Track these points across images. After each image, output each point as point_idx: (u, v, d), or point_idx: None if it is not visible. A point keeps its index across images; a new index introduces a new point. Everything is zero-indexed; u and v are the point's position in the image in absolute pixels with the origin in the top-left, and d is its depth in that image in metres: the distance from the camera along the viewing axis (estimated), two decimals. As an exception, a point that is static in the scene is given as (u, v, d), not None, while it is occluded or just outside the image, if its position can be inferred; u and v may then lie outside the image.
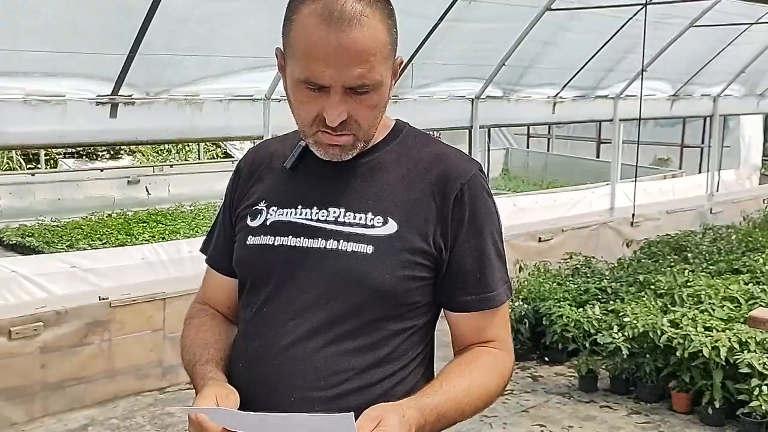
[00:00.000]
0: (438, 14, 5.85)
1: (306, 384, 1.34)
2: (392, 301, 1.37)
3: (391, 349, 1.39)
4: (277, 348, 1.37)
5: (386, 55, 1.32)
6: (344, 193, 1.41)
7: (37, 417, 4.38)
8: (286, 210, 1.43)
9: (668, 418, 4.55)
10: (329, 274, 1.36)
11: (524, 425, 4.47)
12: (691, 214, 8.93)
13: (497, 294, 1.44)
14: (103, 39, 4.48)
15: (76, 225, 9.42)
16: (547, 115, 7.80)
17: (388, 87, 1.36)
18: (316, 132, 1.35)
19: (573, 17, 6.65)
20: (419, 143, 1.47)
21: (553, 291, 5.58)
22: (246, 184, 1.52)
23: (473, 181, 1.42)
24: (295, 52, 1.31)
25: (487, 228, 1.43)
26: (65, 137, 4.73)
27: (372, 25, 1.28)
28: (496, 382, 1.42)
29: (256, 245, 1.43)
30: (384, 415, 1.21)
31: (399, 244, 1.37)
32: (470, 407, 1.37)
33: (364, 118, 1.34)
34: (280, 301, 1.39)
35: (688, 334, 4.48)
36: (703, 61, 8.58)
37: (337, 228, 1.38)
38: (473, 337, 1.46)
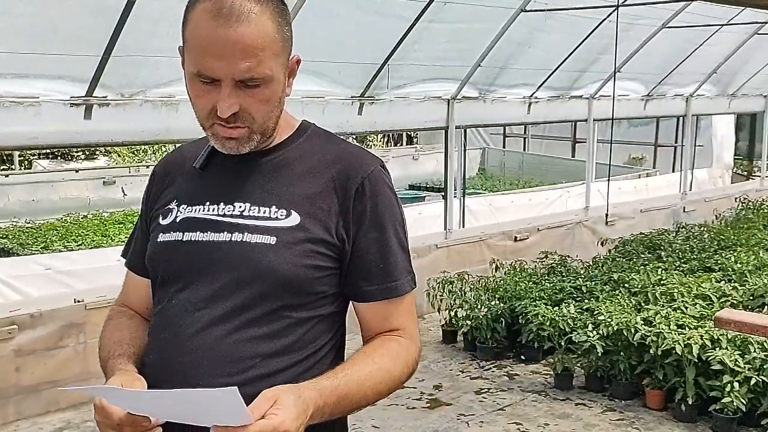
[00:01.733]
0: (413, 15, 5.87)
1: (212, 371, 1.39)
2: (296, 290, 1.42)
3: (296, 338, 1.43)
4: (184, 337, 1.41)
5: (276, 51, 1.39)
6: (250, 188, 1.47)
7: (11, 420, 4.35)
8: (195, 207, 1.49)
9: (642, 414, 4.60)
10: (235, 265, 1.42)
11: (500, 423, 4.51)
12: (664, 213, 9.05)
13: (400, 284, 1.50)
14: (77, 40, 4.45)
15: (52, 226, 9.33)
16: (522, 115, 7.86)
17: (281, 83, 1.42)
18: (212, 125, 1.41)
19: (547, 18, 6.71)
20: (323, 141, 1.54)
21: (529, 290, 5.63)
22: (160, 187, 1.59)
23: (374, 176, 1.49)
24: (189, 48, 1.39)
25: (389, 220, 1.49)
26: (39, 139, 4.69)
27: (260, 21, 1.35)
28: (399, 368, 1.47)
29: (166, 242, 1.49)
30: (279, 395, 1.26)
31: (301, 234, 1.43)
32: (373, 391, 1.41)
33: (258, 111, 1.40)
34: (188, 293, 1.44)
35: (662, 332, 4.54)
36: (675, 61, 8.69)
37: (242, 221, 1.44)
38: (379, 326, 1.51)
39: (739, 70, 9.81)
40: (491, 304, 5.57)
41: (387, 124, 6.68)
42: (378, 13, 5.78)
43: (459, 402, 4.80)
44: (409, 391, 4.95)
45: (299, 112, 6.60)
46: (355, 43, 5.90)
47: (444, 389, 4.99)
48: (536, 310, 5.22)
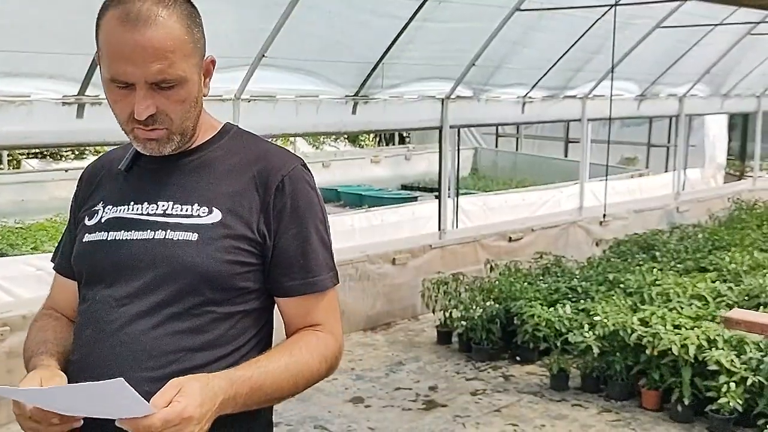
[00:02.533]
0: (408, 14, 5.85)
1: (135, 365, 1.40)
2: (218, 285, 1.44)
3: (220, 333, 1.45)
4: (108, 332, 1.44)
5: (187, 52, 1.41)
6: (173, 188, 1.51)
7: (4, 423, 4.29)
8: (119, 207, 1.53)
9: (638, 415, 4.59)
10: (158, 261, 1.44)
11: (497, 425, 4.48)
12: (658, 213, 9.05)
13: (321, 279, 1.52)
14: (69, 39, 4.40)
15: (41, 227, 9.25)
16: (516, 115, 7.85)
17: (196, 83, 1.45)
18: (132, 128, 1.44)
19: (542, 18, 6.70)
20: (245, 142, 1.57)
21: (524, 290, 5.61)
22: (87, 191, 1.62)
23: (294, 174, 1.52)
24: (102, 54, 1.42)
25: (310, 217, 1.52)
26: (31, 138, 4.66)
27: (168, 24, 1.38)
28: (317, 361, 1.48)
29: (91, 241, 1.52)
30: (185, 383, 1.28)
31: (223, 231, 1.45)
32: (288, 383, 1.44)
33: (174, 112, 1.43)
34: (112, 290, 1.47)
35: (658, 333, 4.52)
36: (669, 61, 8.70)
37: (164, 219, 1.47)
38: (300, 321, 1.53)
39: (732, 71, 9.83)
40: (486, 304, 5.55)
41: (381, 123, 6.66)
42: (372, 12, 5.75)
43: (455, 403, 4.77)
44: (404, 392, 4.92)
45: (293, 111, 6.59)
46: (349, 42, 5.87)
47: (439, 390, 4.96)
48: (532, 311, 5.20)
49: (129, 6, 1.38)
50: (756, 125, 11.44)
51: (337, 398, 4.73)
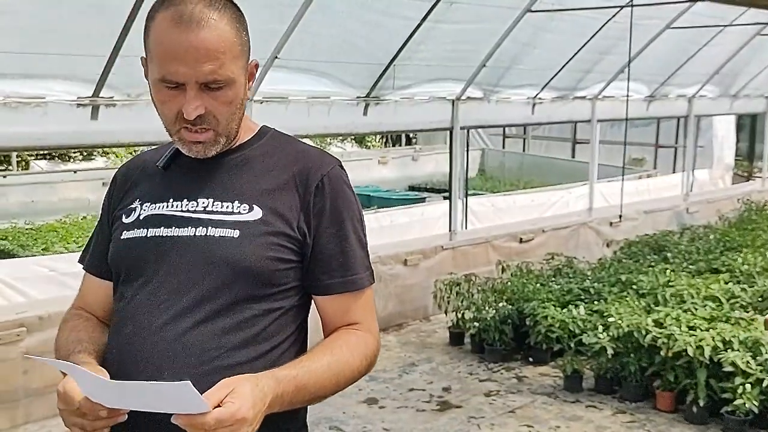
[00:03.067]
0: (419, 16, 5.85)
1: (177, 362, 1.41)
2: (259, 281, 1.46)
3: (260, 329, 1.46)
4: (149, 329, 1.44)
5: (236, 54, 1.44)
6: (212, 185, 1.52)
7: (20, 423, 4.31)
8: (158, 204, 1.53)
9: (653, 417, 4.58)
10: (198, 258, 1.45)
11: (512, 426, 4.48)
12: (667, 214, 9.04)
13: (359, 278, 1.54)
14: (83, 40, 4.42)
15: (51, 228, 9.27)
16: (526, 115, 7.84)
17: (242, 85, 1.48)
18: (179, 129, 1.46)
19: (552, 19, 6.70)
20: (283, 142, 1.60)
21: (537, 292, 5.60)
22: (121, 191, 1.62)
23: (333, 174, 1.54)
24: (153, 56, 1.43)
25: (348, 216, 1.54)
26: (45, 139, 4.66)
27: (219, 26, 1.41)
28: (358, 360, 1.50)
29: (129, 238, 1.52)
30: (236, 383, 1.29)
31: (264, 228, 1.47)
32: (331, 382, 1.45)
33: (221, 114, 1.45)
34: (152, 287, 1.47)
35: (673, 334, 4.52)
36: (678, 62, 8.69)
37: (205, 216, 1.48)
38: (338, 320, 1.55)
39: (741, 71, 9.82)
40: (499, 305, 5.54)
41: (392, 124, 6.66)
42: (384, 14, 5.75)
43: (469, 404, 4.77)
44: (418, 393, 4.92)
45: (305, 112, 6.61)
46: (361, 44, 5.87)
47: (453, 391, 4.96)
48: (545, 312, 5.19)
49: (181, 8, 1.40)
50: (765, 126, 11.42)
51: (351, 399, 4.73)
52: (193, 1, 1.41)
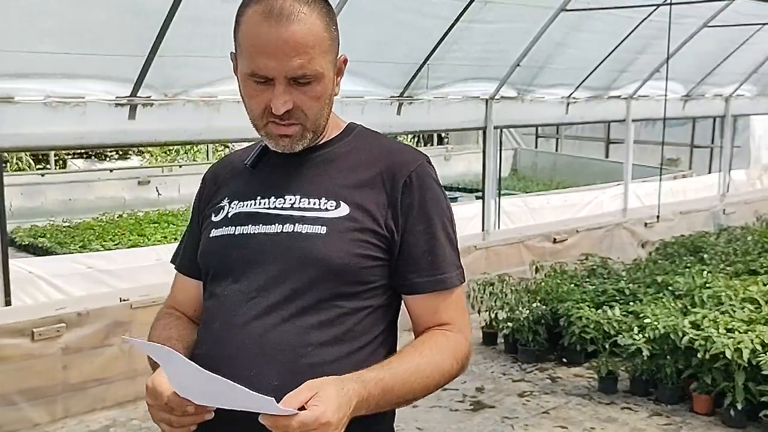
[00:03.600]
0: (453, 15, 5.84)
1: (264, 359, 1.39)
2: (347, 278, 1.44)
3: (348, 328, 1.44)
4: (237, 325, 1.43)
5: (325, 48, 1.43)
6: (300, 182, 1.51)
7: (59, 418, 4.38)
8: (246, 202, 1.53)
9: (690, 419, 4.53)
10: (286, 254, 1.44)
11: (546, 427, 4.46)
12: (704, 215, 8.92)
13: (449, 276, 1.50)
14: (122, 41, 4.48)
15: (88, 225, 9.43)
16: (560, 115, 7.80)
17: (331, 80, 1.46)
18: (266, 123, 1.45)
19: (587, 18, 6.65)
20: (370, 139, 1.58)
21: (571, 292, 5.57)
22: (211, 190, 1.62)
23: (421, 170, 1.51)
24: (242, 50, 1.43)
25: (436, 214, 1.51)
26: (84, 138, 4.74)
27: (309, 20, 1.40)
28: (448, 362, 1.46)
29: (218, 236, 1.52)
30: (321, 386, 1.27)
31: (351, 224, 1.45)
32: (420, 385, 1.41)
33: (310, 108, 1.44)
34: (240, 284, 1.46)
35: (710, 336, 4.46)
36: (715, 61, 8.58)
37: (292, 213, 1.47)
38: (429, 320, 1.51)
39: (780, 70, 9.66)
40: (532, 306, 5.52)
41: (425, 124, 6.66)
42: (418, 13, 5.76)
43: (502, 404, 4.75)
44: (451, 392, 4.91)
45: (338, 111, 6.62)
46: (394, 43, 5.88)
47: (486, 391, 4.95)
48: (580, 313, 5.16)
49: (271, 2, 1.39)
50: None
51: (384, 398, 4.74)
52: None
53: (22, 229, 9.37)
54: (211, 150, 14.52)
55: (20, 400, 4.23)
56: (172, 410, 1.32)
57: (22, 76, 4.27)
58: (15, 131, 4.32)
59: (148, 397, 1.35)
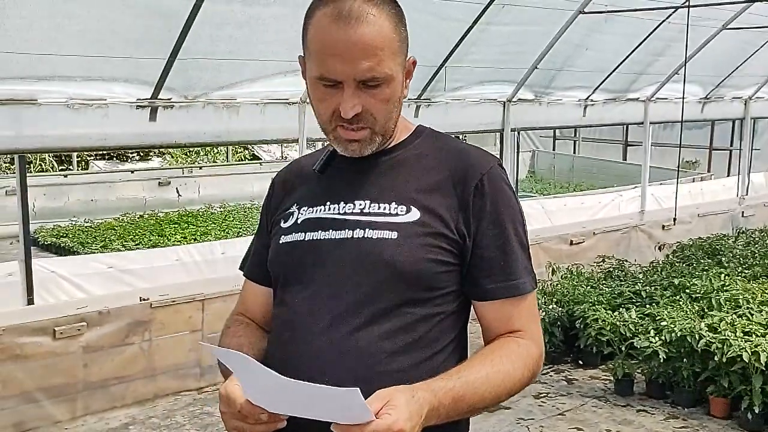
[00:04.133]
0: (471, 18, 5.86)
1: (338, 367, 1.38)
2: (418, 284, 1.42)
3: (420, 335, 1.42)
4: (309, 334, 1.42)
5: (394, 50, 1.41)
6: (369, 186, 1.48)
7: (80, 415, 4.45)
8: (315, 208, 1.51)
9: (706, 423, 4.53)
10: (357, 260, 1.42)
11: (561, 428, 4.47)
12: (722, 218, 8.88)
13: (522, 282, 1.47)
14: (143, 43, 4.54)
15: (110, 226, 9.53)
16: (577, 117, 7.79)
17: (400, 83, 1.44)
18: (335, 127, 1.43)
19: (605, 20, 6.64)
20: (440, 141, 1.56)
21: (587, 294, 5.57)
22: (280, 196, 1.61)
23: (493, 173, 1.48)
24: (311, 53, 1.41)
25: (508, 218, 1.48)
26: (106, 140, 4.80)
27: (378, 22, 1.38)
28: (520, 370, 1.43)
29: (288, 242, 1.51)
30: (393, 395, 1.25)
31: (422, 229, 1.43)
32: (491, 393, 1.39)
33: (379, 111, 1.42)
34: (311, 291, 1.45)
35: (727, 339, 4.45)
36: (734, 63, 8.53)
37: (362, 218, 1.45)
38: (500, 327, 1.48)
39: (801, 73, 9.58)
40: (548, 308, 5.53)
41: (443, 126, 6.55)
42: (436, 16, 5.78)
43: (518, 406, 4.77)
44: (467, 394, 4.93)
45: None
46: (412, 46, 5.84)
47: (502, 393, 4.96)
48: (596, 315, 5.16)
49: (340, 4, 1.37)
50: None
51: (400, 398, 4.77)
52: None
53: (45, 229, 9.49)
54: (230, 152, 14.63)
55: (42, 397, 4.31)
56: (245, 418, 1.31)
57: (45, 78, 4.34)
58: (38, 133, 4.39)
59: (221, 404, 1.34)
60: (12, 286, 5.08)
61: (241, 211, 10.50)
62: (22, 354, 4.21)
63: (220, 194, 11.38)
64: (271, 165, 13.29)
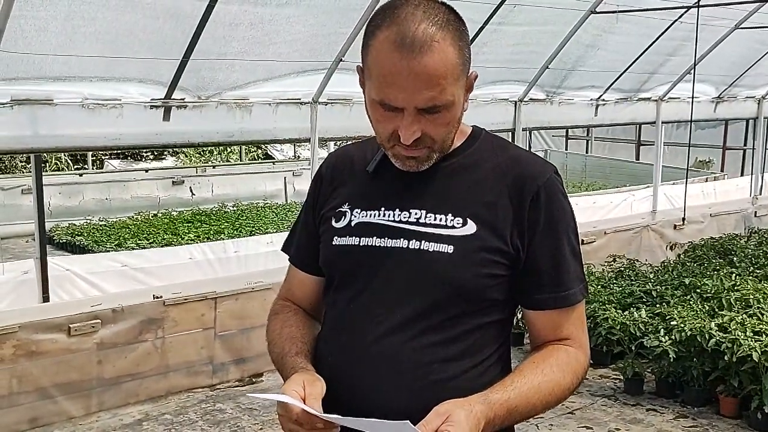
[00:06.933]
0: (483, 18, 5.88)
1: (393, 376, 1.41)
2: (472, 298, 1.44)
3: (470, 343, 1.45)
4: (366, 342, 1.44)
5: (457, 76, 1.38)
6: (425, 195, 1.48)
7: (94, 411, 4.51)
8: (369, 212, 1.50)
9: (716, 422, 4.53)
10: (413, 272, 1.43)
11: (571, 427, 4.49)
12: (734, 218, 8.85)
13: (572, 293, 1.49)
14: (157, 44, 4.59)
15: (124, 224, 9.61)
16: (589, 117, 7.79)
17: (460, 104, 1.42)
18: (393, 146, 1.43)
19: (617, 20, 6.64)
20: (496, 147, 1.54)
21: (598, 293, 5.58)
22: (329, 187, 1.59)
23: (549, 184, 1.48)
24: (371, 75, 1.39)
25: (563, 229, 1.49)
26: (121, 140, 4.86)
27: (442, 49, 1.34)
28: (569, 379, 1.47)
29: (342, 245, 1.51)
30: (452, 411, 1.28)
31: (478, 243, 1.43)
32: (541, 402, 1.42)
33: (438, 135, 1.41)
34: (366, 297, 1.46)
35: (737, 339, 4.46)
36: (747, 63, 8.50)
37: (419, 229, 1.45)
38: (549, 335, 1.51)
39: (814, 72, 9.54)
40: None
41: (454, 126, 6.69)
42: (447, 16, 5.80)
43: (528, 404, 4.79)
44: (477, 392, 4.96)
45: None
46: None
47: (512, 391, 4.99)
48: (606, 314, 5.18)
49: (404, 29, 1.33)
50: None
51: (410, 396, 4.80)
52: (416, 19, 1.33)
53: (60, 227, 9.59)
54: (243, 151, 14.70)
55: (57, 393, 4.37)
56: (301, 425, 1.35)
57: (60, 79, 4.40)
58: (54, 132, 4.45)
59: (279, 408, 1.37)
60: (28, 284, 5.16)
61: (254, 210, 10.55)
62: (37, 351, 4.27)
63: (234, 193, 11.45)
64: (284, 164, 13.36)
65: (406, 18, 1.34)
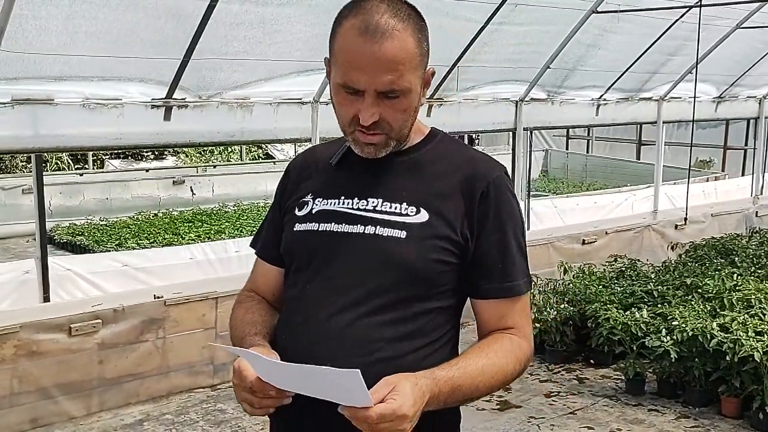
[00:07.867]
0: (484, 18, 5.88)
1: (342, 352, 1.49)
2: (422, 282, 1.53)
3: (419, 326, 1.53)
4: (318, 320, 1.53)
5: (415, 65, 1.49)
6: (382, 186, 1.58)
7: (95, 411, 4.50)
8: (330, 200, 1.60)
9: (718, 422, 4.53)
10: (367, 255, 1.53)
11: (572, 427, 4.49)
12: (736, 217, 8.84)
13: (517, 285, 1.58)
14: (158, 44, 4.59)
15: (124, 224, 9.61)
16: (590, 117, 7.79)
17: (418, 94, 1.53)
18: (353, 131, 1.53)
19: (618, 19, 6.63)
20: (451, 147, 1.65)
21: (599, 294, 5.58)
22: (295, 183, 1.70)
23: (498, 181, 1.58)
24: (337, 60, 1.50)
25: (510, 225, 1.58)
26: (122, 139, 4.86)
27: (403, 38, 1.46)
28: (512, 365, 1.54)
29: (302, 231, 1.60)
30: (398, 382, 1.36)
31: (429, 231, 1.53)
32: (485, 384, 1.50)
33: (395, 120, 1.51)
34: (322, 279, 1.55)
35: (739, 339, 4.45)
36: (749, 62, 8.50)
37: (375, 216, 1.55)
38: (494, 324, 1.59)
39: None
40: (560, 307, 5.54)
41: (455, 126, 6.69)
42: (448, 16, 5.80)
43: (529, 405, 4.79)
44: (478, 392, 4.95)
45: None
46: (425, 46, 5.92)
47: (513, 391, 4.99)
48: (607, 314, 5.17)
49: (368, 17, 1.46)
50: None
51: (411, 396, 4.79)
52: (380, 10, 1.46)
53: (61, 227, 9.58)
54: (244, 151, 14.69)
55: (57, 393, 4.36)
56: (255, 392, 1.43)
57: (61, 78, 4.39)
58: (54, 132, 4.45)
59: (234, 377, 1.45)
60: (28, 284, 5.15)
61: (255, 210, 10.55)
62: (38, 351, 4.27)
63: (234, 193, 11.45)
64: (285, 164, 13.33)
65: (371, 9, 1.46)
